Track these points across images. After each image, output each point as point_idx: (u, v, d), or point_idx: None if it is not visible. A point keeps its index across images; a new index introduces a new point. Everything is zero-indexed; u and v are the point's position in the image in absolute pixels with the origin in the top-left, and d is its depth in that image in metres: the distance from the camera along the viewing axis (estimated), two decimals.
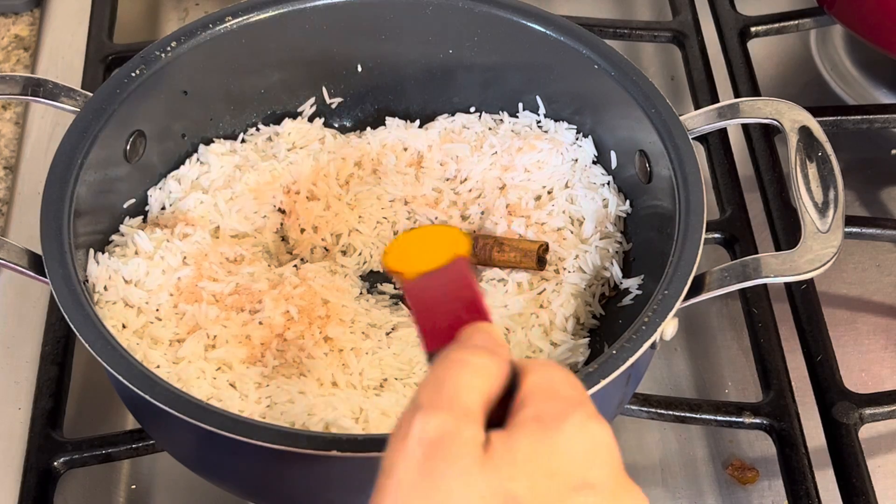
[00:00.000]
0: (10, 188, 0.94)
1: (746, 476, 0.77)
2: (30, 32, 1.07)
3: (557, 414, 0.44)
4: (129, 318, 0.71)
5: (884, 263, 0.90)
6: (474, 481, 0.42)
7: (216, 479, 0.69)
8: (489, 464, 0.42)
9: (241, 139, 0.84)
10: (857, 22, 0.95)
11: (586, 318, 0.75)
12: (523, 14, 0.79)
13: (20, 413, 0.79)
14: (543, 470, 0.43)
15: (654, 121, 0.72)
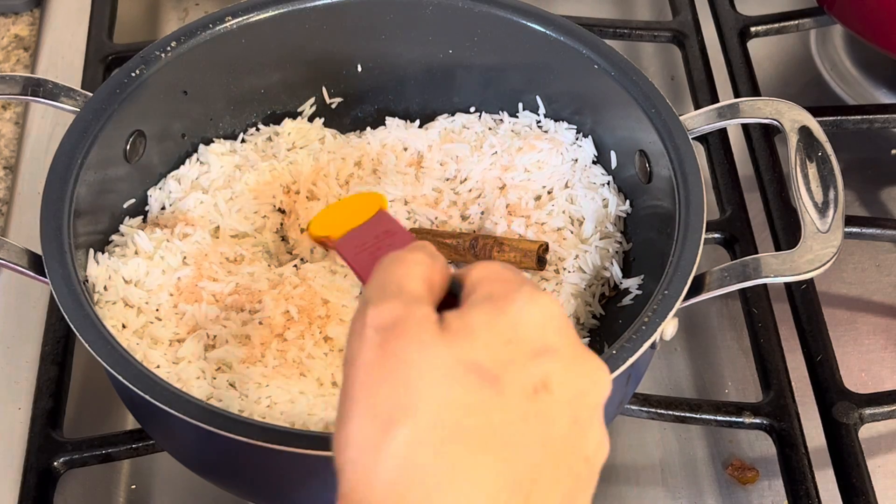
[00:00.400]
0: (10, 188, 0.94)
1: (746, 476, 0.77)
2: (30, 32, 1.07)
3: (506, 291, 0.45)
4: (129, 318, 0.71)
5: (884, 263, 0.90)
6: (436, 353, 0.42)
7: (216, 479, 0.69)
8: (447, 337, 0.43)
9: (241, 139, 0.84)
10: (857, 22, 0.95)
11: (586, 318, 0.75)
12: (523, 14, 0.79)
13: (20, 413, 0.79)
14: (501, 338, 0.44)
15: (654, 121, 0.72)
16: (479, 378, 0.42)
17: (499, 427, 0.42)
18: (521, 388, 0.43)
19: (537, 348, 0.44)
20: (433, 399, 0.41)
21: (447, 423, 0.41)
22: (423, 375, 0.42)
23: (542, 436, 0.43)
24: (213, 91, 0.81)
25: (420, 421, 0.41)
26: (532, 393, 0.43)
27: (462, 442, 0.41)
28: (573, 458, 0.44)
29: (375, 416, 0.41)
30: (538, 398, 0.43)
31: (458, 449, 0.41)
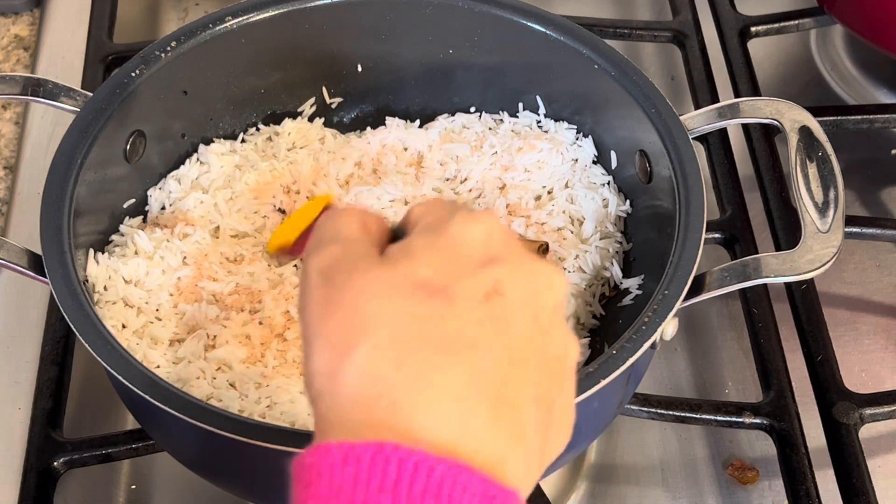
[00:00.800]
0: (10, 188, 0.94)
1: (746, 476, 0.77)
2: (30, 32, 1.07)
3: (443, 217, 0.46)
4: (129, 318, 0.71)
5: (884, 263, 0.90)
6: (379, 276, 0.43)
7: (216, 479, 0.69)
8: (389, 262, 0.44)
9: (241, 139, 0.84)
10: (858, 22, 0.95)
11: (586, 318, 0.75)
12: (523, 14, 0.79)
13: (20, 413, 0.79)
14: (444, 256, 0.44)
15: (655, 121, 0.72)
16: (427, 292, 0.42)
17: (455, 333, 0.42)
18: (471, 296, 0.43)
19: (482, 260, 0.44)
20: (384, 316, 0.42)
21: (402, 336, 0.41)
22: (371, 298, 0.42)
23: (502, 338, 0.42)
24: (213, 91, 0.81)
25: (375, 338, 0.41)
26: (484, 299, 0.43)
27: (420, 351, 0.41)
28: (541, 357, 0.44)
29: (333, 345, 0.42)
30: (491, 303, 0.43)
31: (417, 358, 0.41)
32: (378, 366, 0.41)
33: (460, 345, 0.41)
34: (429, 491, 0.38)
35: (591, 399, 0.59)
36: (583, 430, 0.66)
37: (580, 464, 0.78)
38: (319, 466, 0.39)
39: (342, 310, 0.42)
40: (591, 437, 0.69)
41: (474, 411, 0.41)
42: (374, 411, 0.40)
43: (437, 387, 0.40)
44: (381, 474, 0.38)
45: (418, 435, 0.40)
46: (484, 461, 0.40)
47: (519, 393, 0.42)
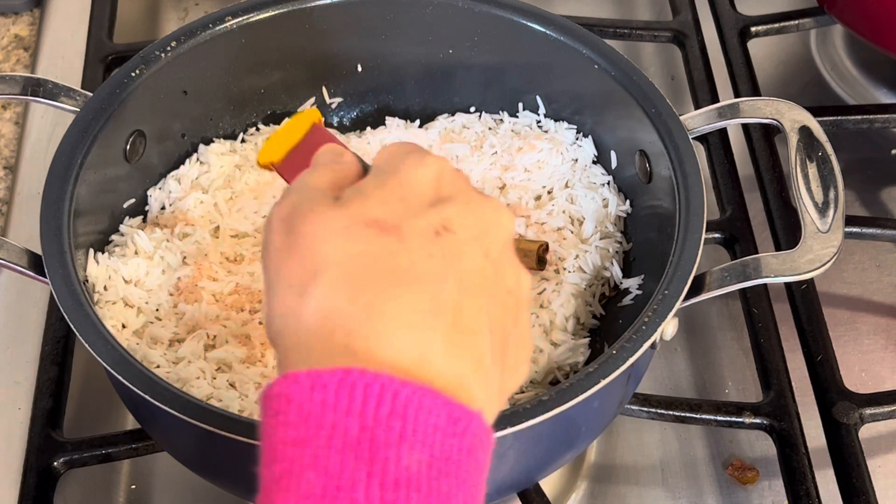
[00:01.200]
0: (10, 188, 0.94)
1: (746, 476, 0.77)
2: (30, 32, 1.07)
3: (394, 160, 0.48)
4: (129, 318, 0.71)
5: (884, 263, 0.90)
6: (332, 217, 0.45)
7: (216, 479, 0.69)
8: (342, 203, 0.46)
9: (241, 139, 0.84)
10: (858, 21, 0.95)
11: (586, 318, 0.75)
12: (523, 14, 0.79)
13: (20, 413, 0.79)
14: (394, 196, 0.46)
15: (655, 121, 0.72)
16: (378, 229, 0.44)
17: (407, 266, 0.43)
18: (422, 232, 0.44)
19: (432, 200, 0.46)
20: (338, 255, 0.43)
21: (355, 272, 0.43)
22: (325, 239, 0.44)
23: (453, 270, 0.44)
24: (213, 91, 0.81)
25: (329, 275, 0.43)
26: (434, 235, 0.45)
27: (374, 284, 0.42)
28: (493, 289, 0.46)
29: (290, 286, 0.44)
30: (441, 238, 0.45)
31: (371, 290, 0.42)
32: (333, 300, 0.42)
33: (412, 277, 0.43)
34: (395, 413, 0.39)
35: (591, 399, 0.59)
36: (583, 430, 0.66)
37: (580, 464, 0.78)
38: (288, 394, 0.40)
39: (298, 254, 0.44)
40: (591, 437, 0.69)
41: (430, 338, 0.42)
42: (332, 342, 0.42)
43: (391, 316, 0.42)
44: (349, 398, 0.39)
45: (378, 362, 0.41)
46: (445, 385, 0.42)
47: (473, 321, 0.44)
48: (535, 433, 0.60)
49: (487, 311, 0.45)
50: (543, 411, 0.58)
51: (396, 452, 0.39)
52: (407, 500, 0.39)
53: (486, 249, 0.46)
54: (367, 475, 0.38)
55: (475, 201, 0.47)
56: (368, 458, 0.39)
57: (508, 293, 0.47)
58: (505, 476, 0.65)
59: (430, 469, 0.39)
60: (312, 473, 0.39)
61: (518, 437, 0.59)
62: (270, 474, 0.40)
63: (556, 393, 0.59)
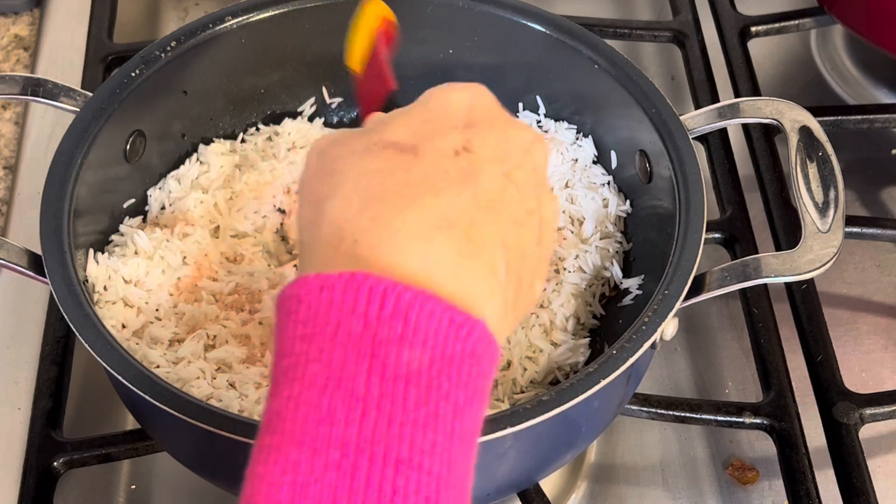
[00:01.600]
0: (9, 188, 0.94)
1: (747, 476, 0.77)
2: (29, 32, 1.07)
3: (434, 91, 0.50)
4: (129, 317, 0.71)
5: (884, 263, 0.90)
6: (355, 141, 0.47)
7: (216, 479, 0.69)
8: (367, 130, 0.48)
9: (241, 139, 0.84)
10: (858, 21, 0.95)
11: (586, 318, 0.75)
12: (523, 14, 0.79)
13: (20, 413, 0.79)
14: (419, 120, 0.48)
15: (655, 121, 0.72)
16: (396, 150, 0.46)
17: (419, 181, 0.45)
18: (439, 151, 0.46)
19: (460, 124, 0.48)
20: (353, 172, 0.46)
21: (367, 187, 0.45)
22: (344, 158, 0.46)
23: (469, 186, 0.45)
24: (213, 91, 0.81)
25: (342, 190, 0.45)
26: (452, 154, 0.46)
27: (382, 197, 0.44)
28: (513, 208, 0.47)
29: (311, 202, 0.47)
30: (458, 158, 0.46)
31: (378, 203, 0.44)
32: (344, 212, 0.44)
33: (422, 190, 0.45)
34: (397, 314, 0.41)
35: (591, 399, 0.59)
36: (583, 430, 0.66)
37: (580, 464, 0.78)
38: (298, 294, 0.42)
39: (321, 175, 0.47)
40: (591, 437, 0.69)
41: (437, 249, 0.43)
42: (340, 250, 0.44)
43: (397, 227, 0.43)
44: (353, 299, 0.41)
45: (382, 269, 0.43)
46: (451, 293, 0.43)
47: (485, 235, 0.45)
48: (535, 433, 0.60)
49: (503, 229, 0.46)
50: (543, 411, 0.58)
51: (397, 350, 0.41)
52: (405, 393, 0.40)
53: (507, 171, 0.47)
54: (367, 368, 0.40)
55: (503, 126, 0.49)
56: (369, 354, 0.40)
57: (529, 213, 0.48)
58: (505, 476, 0.65)
59: (430, 368, 0.41)
60: (317, 365, 0.41)
61: (518, 437, 0.59)
62: (279, 368, 0.42)
63: (556, 393, 0.59)
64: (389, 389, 0.40)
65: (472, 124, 0.48)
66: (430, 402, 0.40)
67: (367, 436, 0.39)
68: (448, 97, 0.49)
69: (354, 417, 0.39)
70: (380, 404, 0.40)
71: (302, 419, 0.40)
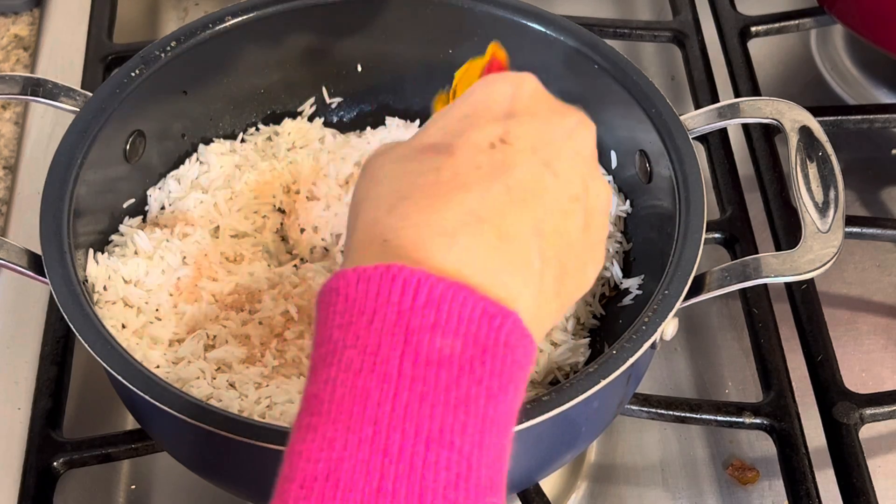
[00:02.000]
0: (9, 188, 0.94)
1: (747, 476, 0.77)
2: (29, 32, 1.07)
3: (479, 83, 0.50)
4: (129, 317, 0.71)
5: (884, 263, 0.90)
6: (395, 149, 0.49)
7: (216, 479, 0.69)
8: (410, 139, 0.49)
9: (240, 139, 0.83)
10: (858, 21, 0.95)
11: (586, 318, 0.75)
12: (523, 14, 0.79)
13: (20, 413, 0.79)
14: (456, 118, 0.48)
15: (655, 121, 0.72)
16: (433, 152, 0.47)
17: (449, 178, 0.46)
18: (474, 146, 0.47)
19: (501, 114, 0.48)
20: (387, 177, 0.47)
21: (399, 188, 0.46)
22: (384, 166, 0.48)
23: (501, 179, 0.46)
24: (213, 91, 0.81)
25: (376, 193, 0.47)
26: (488, 147, 0.47)
27: (410, 197, 0.46)
28: (551, 197, 0.48)
29: (352, 207, 0.49)
30: (494, 151, 0.47)
31: (406, 203, 0.46)
32: (374, 213, 0.46)
33: (451, 188, 0.46)
34: (430, 303, 0.42)
35: (591, 399, 0.59)
36: (583, 430, 0.66)
37: (580, 464, 0.78)
38: (337, 287, 0.44)
39: (362, 182, 0.49)
40: (591, 437, 0.69)
41: (467, 244, 0.44)
42: (373, 249, 0.45)
43: (423, 224, 0.45)
44: (388, 289, 0.43)
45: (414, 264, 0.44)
46: (483, 284, 0.44)
47: (520, 227, 0.46)
48: (535, 433, 0.60)
49: (540, 219, 0.47)
50: (543, 411, 0.58)
51: (429, 336, 0.42)
52: (437, 376, 0.42)
53: (546, 160, 0.48)
54: (400, 353, 0.42)
55: (546, 114, 0.50)
56: (403, 340, 0.42)
57: (574, 200, 0.48)
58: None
59: (462, 354, 0.42)
60: (353, 351, 0.42)
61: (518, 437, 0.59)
62: (318, 355, 0.44)
63: (556, 393, 0.59)
64: (421, 372, 0.41)
65: (512, 114, 0.49)
66: (461, 386, 0.42)
67: (399, 413, 0.41)
68: (491, 89, 0.50)
69: (387, 397, 0.41)
70: (412, 386, 0.41)
71: (339, 400, 0.41)
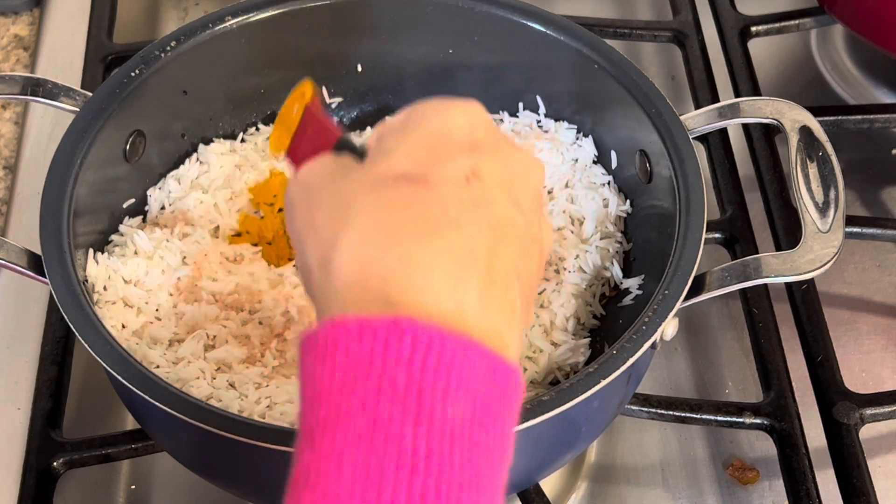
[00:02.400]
0: (9, 188, 0.94)
1: (747, 476, 0.77)
2: (29, 32, 1.07)
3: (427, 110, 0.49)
4: (129, 318, 0.71)
5: (885, 263, 0.90)
6: (360, 173, 0.45)
7: (216, 479, 0.69)
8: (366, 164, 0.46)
9: (241, 139, 0.83)
10: (858, 21, 0.95)
11: (587, 319, 0.75)
12: (523, 14, 0.79)
13: (20, 413, 0.79)
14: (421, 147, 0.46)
15: (655, 121, 0.72)
16: (407, 182, 0.44)
17: (438, 213, 0.43)
18: (451, 179, 0.45)
19: (464, 147, 0.46)
20: (366, 206, 0.43)
21: (387, 220, 0.43)
22: (353, 191, 0.44)
23: (484, 216, 0.44)
24: (213, 91, 0.81)
25: (360, 224, 0.43)
26: (464, 181, 0.45)
27: (405, 231, 0.42)
28: (522, 237, 0.46)
29: (322, 238, 0.44)
30: (471, 185, 0.45)
31: (403, 238, 0.42)
32: (366, 249, 0.42)
33: (444, 223, 0.43)
34: (441, 365, 0.39)
35: (591, 399, 0.59)
36: (583, 430, 0.66)
37: (580, 464, 0.78)
38: (335, 340, 0.40)
39: (326, 206, 0.44)
40: (591, 437, 0.69)
41: (466, 287, 0.42)
42: (368, 291, 0.42)
43: (427, 265, 0.42)
44: (397, 348, 0.39)
45: (417, 311, 0.41)
46: (482, 335, 0.42)
47: (505, 269, 0.44)
48: (535, 433, 0.60)
49: (515, 258, 0.45)
50: (543, 411, 0.58)
51: (442, 404, 0.39)
52: (451, 453, 0.39)
53: (514, 198, 0.46)
54: (413, 426, 0.39)
55: (506, 149, 0.48)
56: (415, 409, 0.39)
57: (534, 241, 0.47)
58: None
59: (471, 422, 0.40)
60: (362, 420, 0.39)
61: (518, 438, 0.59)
62: (313, 418, 0.40)
63: (556, 393, 0.59)
64: (436, 447, 0.39)
65: (477, 147, 0.47)
66: (473, 462, 0.40)
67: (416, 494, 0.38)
68: (447, 119, 0.47)
69: (402, 480, 0.38)
70: (427, 466, 0.39)
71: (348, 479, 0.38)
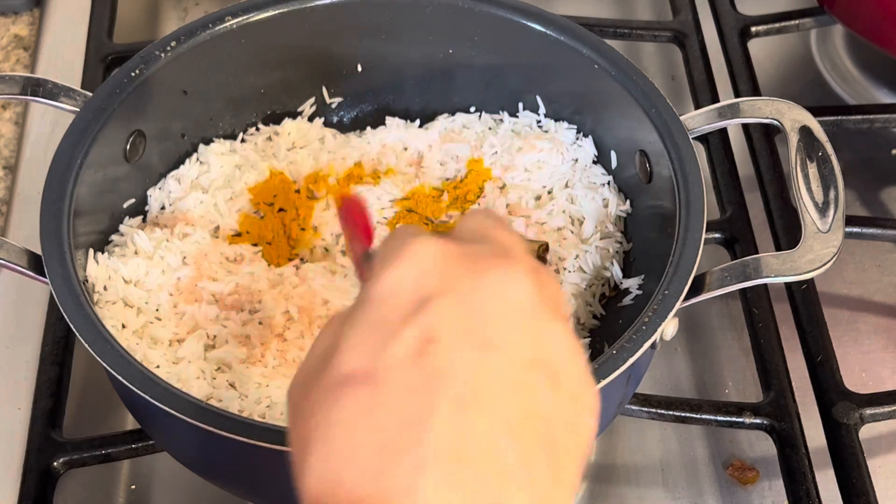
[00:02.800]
0: (9, 188, 0.94)
1: (747, 476, 0.77)
2: (29, 32, 1.07)
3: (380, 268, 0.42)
4: (129, 318, 0.71)
5: (884, 263, 0.90)
6: (316, 386, 0.41)
7: (216, 479, 0.69)
8: (323, 366, 0.41)
9: (241, 139, 0.83)
10: (858, 21, 0.95)
11: (587, 318, 0.75)
12: (523, 14, 0.79)
13: (20, 413, 0.79)
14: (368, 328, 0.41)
15: (655, 121, 0.72)
16: (354, 385, 0.40)
17: (383, 423, 0.39)
18: (399, 366, 0.39)
19: (411, 308, 0.40)
20: (320, 429, 0.40)
21: (339, 448, 0.39)
22: (312, 411, 0.41)
23: (442, 394, 0.39)
24: (213, 91, 0.81)
25: (318, 450, 0.40)
26: (415, 358, 0.39)
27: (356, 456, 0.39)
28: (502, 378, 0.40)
29: (295, 454, 0.41)
30: (420, 359, 0.39)
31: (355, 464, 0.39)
32: (328, 471, 0.39)
33: (400, 432, 0.38)
34: None
35: None
36: None
37: None
38: None
39: (297, 425, 0.41)
40: None
41: (426, 489, 0.38)
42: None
43: (405, 495, 0.38)
44: None
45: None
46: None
47: (482, 437, 0.39)
48: None
49: (502, 410, 0.39)
50: None
51: None
52: None
53: (482, 339, 0.40)
54: None
55: (463, 280, 0.41)
56: None
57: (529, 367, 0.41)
58: None
59: None
60: None
61: None
62: None
63: None
64: None
65: (426, 299, 0.40)
66: None
67: None
68: (388, 278, 0.41)
69: None
70: None
71: None
